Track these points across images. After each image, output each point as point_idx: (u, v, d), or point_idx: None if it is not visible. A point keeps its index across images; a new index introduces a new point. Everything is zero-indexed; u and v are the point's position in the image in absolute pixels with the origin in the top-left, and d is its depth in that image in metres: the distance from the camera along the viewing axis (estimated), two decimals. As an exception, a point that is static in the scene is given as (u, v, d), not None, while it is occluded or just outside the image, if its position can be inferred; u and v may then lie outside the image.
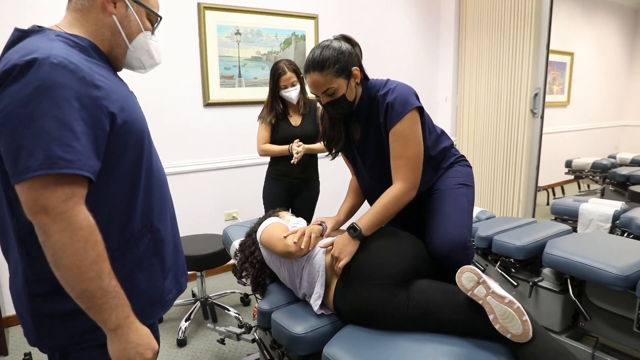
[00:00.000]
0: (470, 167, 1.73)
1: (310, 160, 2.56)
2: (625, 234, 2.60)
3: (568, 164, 5.09)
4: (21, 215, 0.83)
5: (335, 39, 1.54)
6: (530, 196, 4.01)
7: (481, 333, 1.25)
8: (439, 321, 1.30)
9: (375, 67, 1.91)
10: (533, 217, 4.04)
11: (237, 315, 2.58)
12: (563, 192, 5.42)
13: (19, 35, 0.91)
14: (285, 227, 1.60)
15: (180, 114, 3.07)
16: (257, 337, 1.80)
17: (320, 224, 1.62)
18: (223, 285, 3.20)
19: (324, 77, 1.45)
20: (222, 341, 2.09)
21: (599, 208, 2.84)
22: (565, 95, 6.23)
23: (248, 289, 2.97)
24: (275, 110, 2.45)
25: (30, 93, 0.77)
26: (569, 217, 3.02)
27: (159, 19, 1.08)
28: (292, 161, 2.36)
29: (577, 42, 6.19)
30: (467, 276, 1.25)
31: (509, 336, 1.16)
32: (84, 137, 0.81)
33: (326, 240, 1.56)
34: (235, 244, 1.96)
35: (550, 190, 5.51)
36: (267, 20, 3.30)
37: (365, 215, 1.49)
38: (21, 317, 0.97)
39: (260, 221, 1.81)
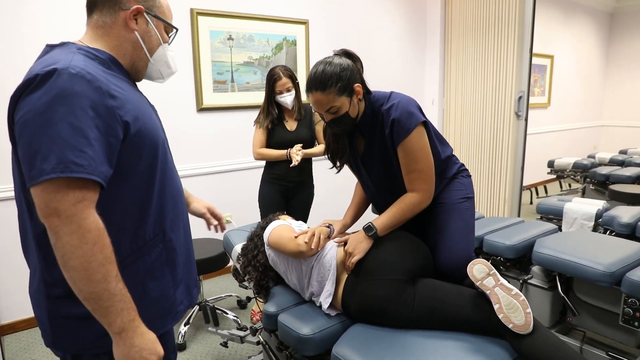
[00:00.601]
0: (470, 177, 1.78)
1: (305, 164, 2.60)
2: (608, 232, 2.72)
3: (550, 164, 5.25)
4: (39, 220, 0.85)
5: (336, 54, 1.54)
6: (515, 196, 4.13)
7: (482, 329, 1.32)
8: (443, 317, 1.36)
9: (364, 71, 1.95)
10: (519, 216, 4.17)
11: (235, 318, 2.61)
12: (546, 191, 5.59)
13: (47, 50, 0.97)
14: (292, 229, 1.65)
15: (174, 119, 3.08)
16: (262, 340, 1.84)
17: (328, 226, 1.67)
18: (218, 289, 3.22)
19: (327, 96, 1.46)
20: (225, 344, 2.12)
21: (582, 207, 2.95)
22: (545, 97, 6.41)
23: (246, 292, 3.00)
24: (272, 115, 2.50)
25: (49, 100, 0.82)
26: (553, 216, 3.12)
27: (175, 30, 1.13)
28: (291, 165, 2.42)
29: (556, 45, 6.38)
30: (478, 267, 1.33)
31: (510, 326, 1.23)
32: (97, 143, 0.84)
33: (340, 238, 1.62)
34: (237, 248, 1.99)
35: (533, 190, 5.67)
36: (258, 25, 3.34)
37: (381, 217, 1.55)
38: (38, 319, 1.00)
39: (261, 225, 1.85)
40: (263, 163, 2.68)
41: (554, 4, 6.15)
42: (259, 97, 3.43)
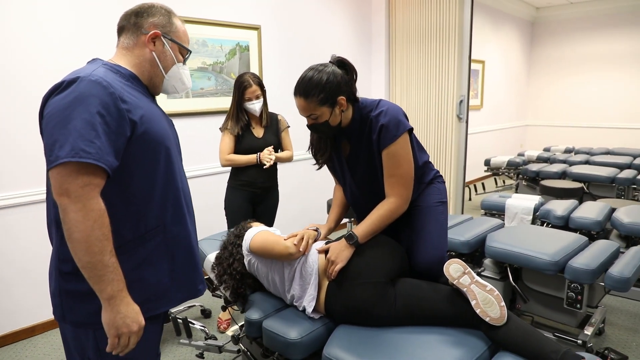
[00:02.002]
0: (444, 182, 1.90)
1: (272, 169, 2.63)
2: (545, 224, 3.02)
3: (487, 163, 5.65)
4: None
5: (331, 62, 1.60)
6: (459, 193, 4.42)
7: (459, 322, 1.44)
8: (423, 314, 1.46)
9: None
10: (462, 212, 4.45)
11: (202, 327, 2.57)
12: (483, 188, 5.99)
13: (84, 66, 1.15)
14: (273, 233, 1.69)
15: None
16: (242, 348, 1.84)
17: (316, 230, 1.73)
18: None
19: (308, 104, 1.54)
20: (201, 355, 2.09)
21: (522, 202, 3.24)
22: (479, 99, 6.87)
23: (212, 301, 2.96)
24: (242, 121, 2.50)
25: (70, 101, 0.99)
26: (496, 212, 3.39)
27: (189, 52, 1.30)
28: (264, 166, 2.46)
29: (487, 51, 6.86)
30: (454, 267, 1.44)
31: (487, 319, 1.35)
32: (105, 137, 1.00)
33: (322, 244, 1.67)
34: (210, 258, 1.98)
35: (472, 187, 6.06)
36: (211, 30, 3.30)
37: (361, 225, 1.62)
38: (52, 293, 1.15)
39: (235, 233, 1.85)
40: (222, 169, 2.67)
41: (484, 13, 6.61)
42: (214, 103, 3.40)
